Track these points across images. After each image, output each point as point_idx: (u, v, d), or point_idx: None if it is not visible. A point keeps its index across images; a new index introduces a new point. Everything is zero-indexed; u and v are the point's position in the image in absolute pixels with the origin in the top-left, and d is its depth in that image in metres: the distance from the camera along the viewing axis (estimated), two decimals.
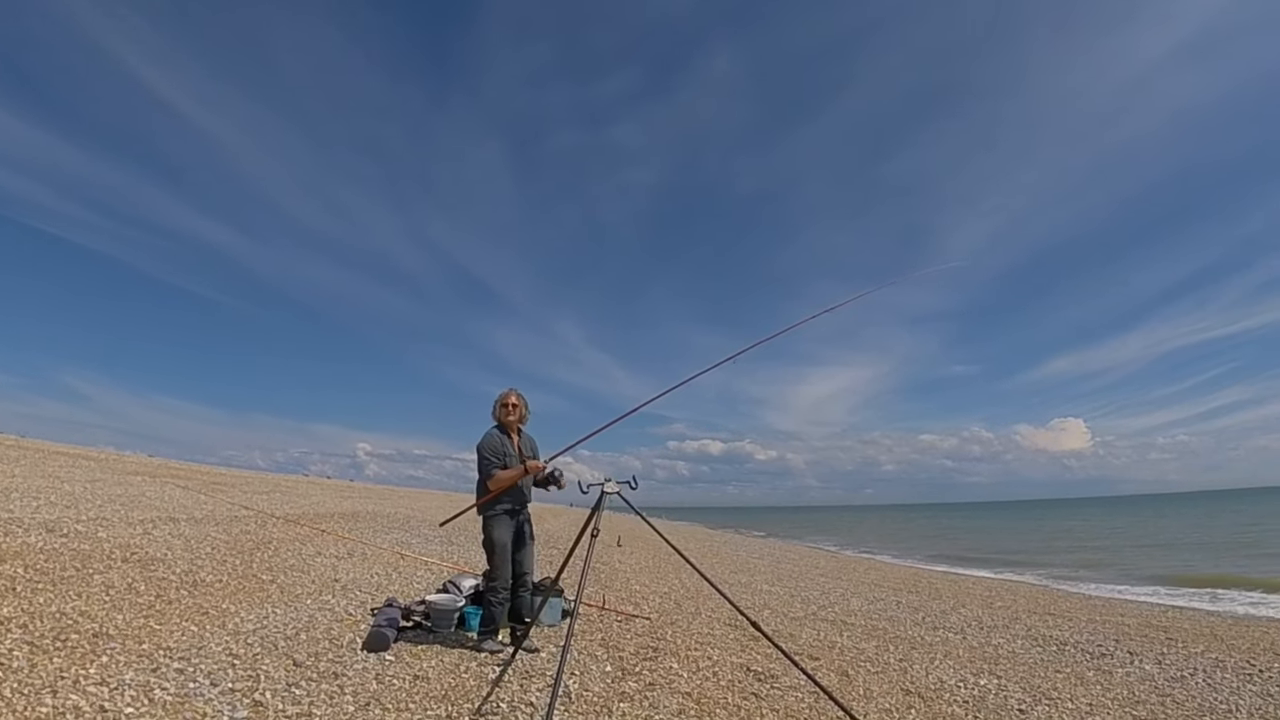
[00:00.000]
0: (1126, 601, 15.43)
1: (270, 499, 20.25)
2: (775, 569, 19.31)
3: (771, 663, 6.60)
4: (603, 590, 10.10)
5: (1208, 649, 9.25)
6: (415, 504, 30.12)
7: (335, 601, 7.42)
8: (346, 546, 11.93)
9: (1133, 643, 9.54)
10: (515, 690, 5.12)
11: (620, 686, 5.47)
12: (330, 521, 15.95)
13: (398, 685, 4.95)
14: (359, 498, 29.13)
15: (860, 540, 44.86)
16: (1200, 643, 9.70)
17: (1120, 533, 47.14)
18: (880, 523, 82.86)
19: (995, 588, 17.46)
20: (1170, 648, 9.27)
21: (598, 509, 5.10)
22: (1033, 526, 62.60)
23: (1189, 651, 9.07)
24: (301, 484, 36.44)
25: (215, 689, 4.38)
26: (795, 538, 48.56)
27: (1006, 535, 50.31)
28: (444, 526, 13.52)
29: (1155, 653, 8.91)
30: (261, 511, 15.70)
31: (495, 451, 6.52)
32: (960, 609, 12.35)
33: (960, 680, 6.86)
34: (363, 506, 23.17)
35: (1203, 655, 8.85)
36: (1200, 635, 10.35)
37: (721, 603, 8.68)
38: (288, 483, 34.56)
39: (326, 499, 24.66)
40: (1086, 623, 11.28)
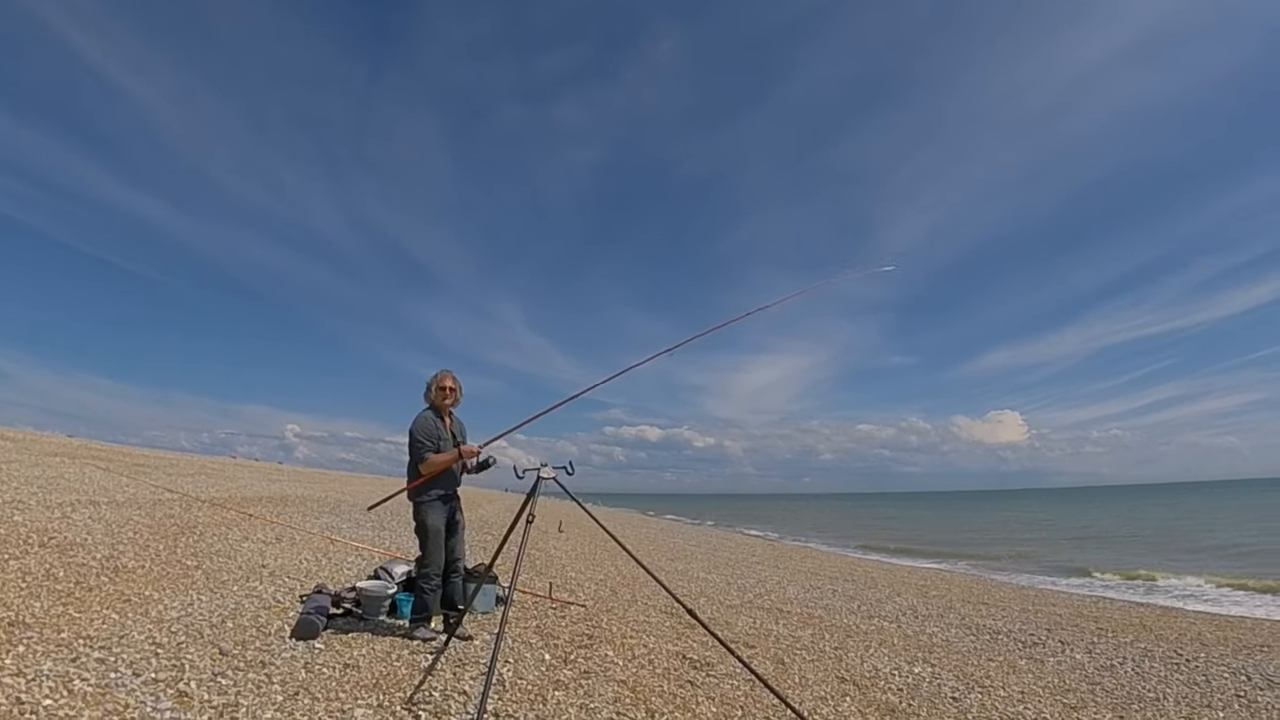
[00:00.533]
0: (1058, 592, 15.93)
1: (195, 482, 19.92)
2: (712, 556, 19.51)
3: (708, 651, 6.68)
4: (538, 577, 10.13)
5: (1137, 639, 9.59)
6: (346, 488, 29.82)
7: (263, 588, 7.35)
8: (275, 531, 11.79)
9: (1064, 632, 9.85)
10: (448, 678, 5.12)
11: (555, 675, 5.50)
12: (258, 505, 15.74)
13: (327, 674, 4.93)
14: (288, 481, 28.77)
15: (797, 529, 45.43)
16: (1129, 632, 10.04)
17: (1054, 524, 48.54)
18: (817, 511, 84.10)
19: (930, 577, 17.89)
20: (1100, 637, 9.59)
21: (533, 495, 5.13)
22: (968, 517, 64.08)
23: (1119, 641, 9.39)
24: (228, 466, 35.88)
25: (138, 679, 4.33)
26: (732, 525, 49.00)
27: (942, 525, 51.48)
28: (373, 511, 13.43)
29: (1086, 642, 9.22)
30: (186, 495, 15.44)
31: (428, 434, 6.48)
32: (895, 598, 12.62)
33: (895, 668, 7.03)
34: (292, 490, 22.91)
35: (1132, 645, 9.17)
36: (1129, 625, 10.71)
37: (658, 590, 8.76)
38: (214, 465, 34.01)
39: (254, 482, 24.32)
40: (1019, 612, 11.61)
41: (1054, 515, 62.10)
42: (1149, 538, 32.66)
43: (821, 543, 32.81)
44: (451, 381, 6.74)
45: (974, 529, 45.39)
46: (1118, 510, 67.70)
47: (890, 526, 50.19)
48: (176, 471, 22.96)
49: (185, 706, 4.07)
